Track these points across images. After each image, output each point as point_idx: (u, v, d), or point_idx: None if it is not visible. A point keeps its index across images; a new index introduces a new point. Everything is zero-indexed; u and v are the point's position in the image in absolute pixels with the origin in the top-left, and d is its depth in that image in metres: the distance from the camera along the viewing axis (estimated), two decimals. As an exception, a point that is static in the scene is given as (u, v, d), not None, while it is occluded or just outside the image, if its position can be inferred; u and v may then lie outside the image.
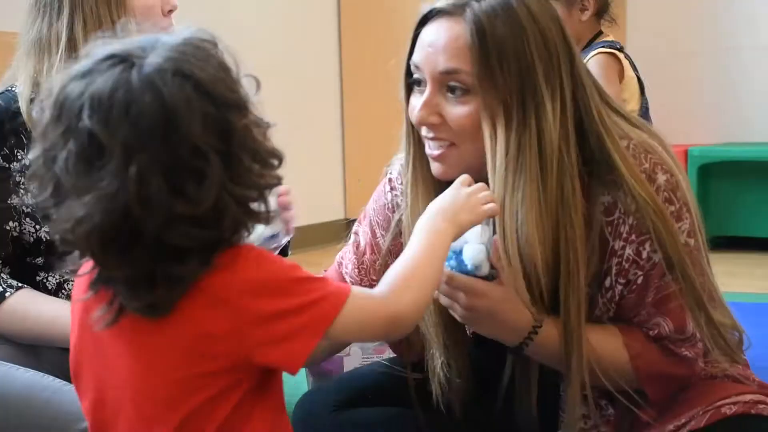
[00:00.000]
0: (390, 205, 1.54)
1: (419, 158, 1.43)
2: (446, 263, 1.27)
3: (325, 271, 1.64)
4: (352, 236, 1.60)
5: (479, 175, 1.31)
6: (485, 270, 1.29)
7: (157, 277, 0.96)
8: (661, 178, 1.35)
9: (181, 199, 0.93)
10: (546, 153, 1.32)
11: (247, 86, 1.01)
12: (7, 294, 1.60)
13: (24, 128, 1.64)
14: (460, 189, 1.22)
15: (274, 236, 1.35)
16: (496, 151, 1.32)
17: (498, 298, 1.30)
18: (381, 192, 1.58)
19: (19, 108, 1.63)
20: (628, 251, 1.35)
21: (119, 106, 0.92)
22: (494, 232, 1.31)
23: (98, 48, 0.99)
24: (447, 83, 1.34)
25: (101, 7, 1.61)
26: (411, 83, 1.40)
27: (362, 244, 1.57)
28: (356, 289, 1.03)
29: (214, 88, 0.96)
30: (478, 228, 1.25)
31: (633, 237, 1.35)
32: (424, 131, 1.39)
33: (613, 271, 1.37)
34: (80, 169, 0.93)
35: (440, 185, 1.41)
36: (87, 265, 1.02)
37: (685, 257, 1.35)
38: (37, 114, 1.00)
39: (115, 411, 1.04)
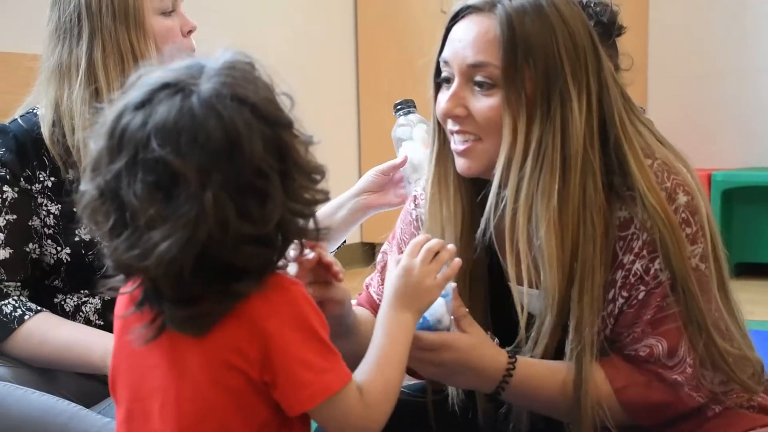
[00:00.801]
0: (415, 222, 1.56)
1: (443, 155, 1.45)
2: None
3: (359, 294, 1.64)
4: (380, 255, 1.61)
5: None
6: (446, 322, 1.29)
7: (208, 293, 0.99)
8: (682, 198, 1.35)
9: (247, 221, 0.96)
10: (570, 150, 1.33)
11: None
12: (26, 317, 1.60)
13: (46, 151, 1.66)
14: (411, 265, 1.20)
15: None
16: (516, 144, 1.34)
17: (466, 347, 1.30)
18: (407, 210, 1.59)
19: (41, 131, 1.65)
20: (637, 266, 1.35)
21: (187, 134, 0.95)
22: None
23: (145, 78, 1.01)
24: (474, 77, 1.37)
25: (120, 32, 1.62)
26: (439, 82, 1.42)
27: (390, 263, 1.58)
28: (353, 383, 1.06)
29: (267, 109, 1.00)
30: None
31: (644, 253, 1.35)
32: (449, 125, 1.41)
33: (618, 284, 1.36)
34: (158, 198, 0.95)
35: (462, 182, 1.44)
36: (129, 284, 1.04)
37: (691, 277, 1.34)
38: (93, 145, 1.01)
39: (144, 421, 1.06)
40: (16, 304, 1.62)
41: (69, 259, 1.67)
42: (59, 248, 1.67)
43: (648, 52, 5.04)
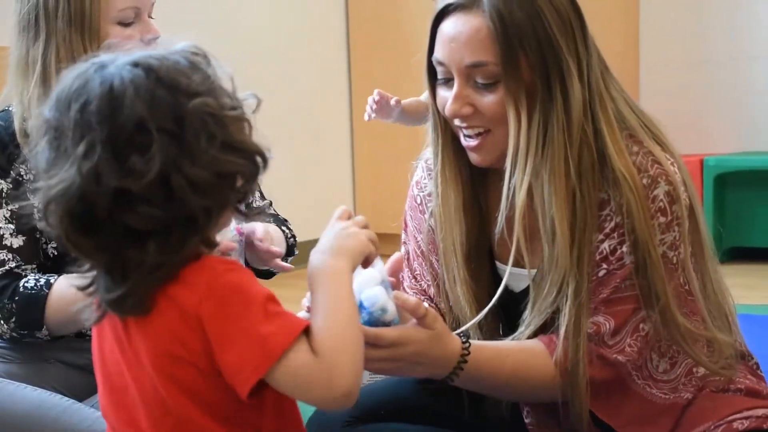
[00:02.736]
0: (421, 207, 1.56)
1: (447, 148, 1.46)
2: None
3: None
4: (402, 248, 1.62)
5: None
6: (392, 309, 1.22)
7: (127, 267, 0.99)
8: (663, 187, 1.36)
9: (129, 176, 0.97)
10: (574, 123, 1.34)
11: (247, 103, 1.05)
12: (52, 280, 1.59)
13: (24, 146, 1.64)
14: (336, 224, 1.14)
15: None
16: (520, 132, 1.35)
17: (423, 339, 1.26)
18: (411, 196, 1.60)
19: (14, 127, 1.63)
20: (605, 245, 1.37)
21: (73, 94, 0.99)
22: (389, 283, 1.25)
23: None
24: (474, 76, 1.37)
25: (74, 37, 1.58)
26: (434, 78, 1.42)
27: (410, 253, 1.59)
28: (301, 347, 1.00)
29: (168, 74, 1.00)
30: (367, 273, 1.18)
31: (615, 234, 1.36)
32: (457, 122, 1.41)
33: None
34: (49, 158, 1.00)
35: (469, 171, 1.46)
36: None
37: (654, 244, 1.34)
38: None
39: (124, 413, 1.07)
40: (37, 276, 1.61)
41: (56, 253, 1.66)
42: (45, 244, 1.66)
43: (640, 39, 5.04)
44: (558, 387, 1.37)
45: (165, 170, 0.97)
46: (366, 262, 1.16)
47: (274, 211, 1.91)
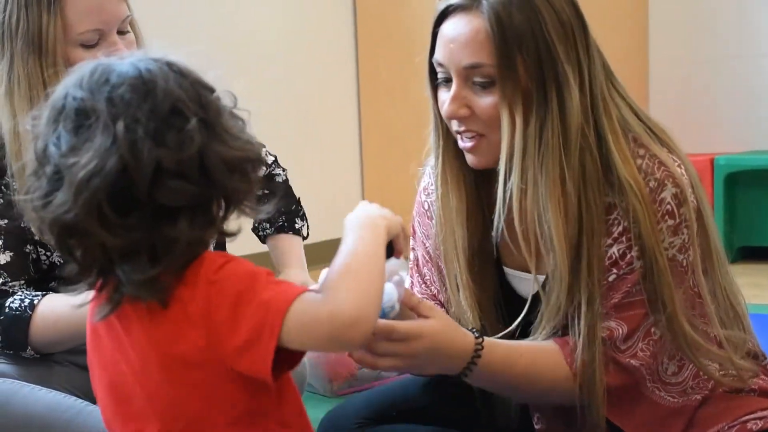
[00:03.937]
0: (428, 213, 1.56)
1: (448, 150, 1.46)
2: None
3: None
4: (411, 254, 1.61)
5: None
6: (398, 309, 1.23)
7: (159, 246, 0.99)
8: (670, 190, 1.36)
9: (170, 150, 0.98)
10: (570, 130, 1.34)
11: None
12: (35, 301, 1.58)
13: None
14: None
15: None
16: (514, 136, 1.34)
17: (436, 332, 1.27)
18: (419, 202, 1.60)
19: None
20: (614, 250, 1.36)
21: (100, 77, 1.01)
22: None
23: None
24: (472, 77, 1.37)
25: (31, 58, 1.56)
26: (436, 80, 1.43)
27: (419, 259, 1.59)
28: (306, 295, 0.99)
29: (187, 70, 1.04)
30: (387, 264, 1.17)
31: (623, 239, 1.36)
32: (455, 126, 1.42)
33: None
34: (71, 140, 0.99)
35: (472, 175, 1.46)
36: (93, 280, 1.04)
37: (661, 251, 1.34)
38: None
39: (128, 415, 1.06)
40: (23, 296, 1.60)
41: (62, 262, 1.64)
42: (48, 253, 1.65)
43: (649, 36, 5.03)
44: (571, 390, 1.37)
45: (202, 147, 0.99)
46: (397, 251, 1.16)
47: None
